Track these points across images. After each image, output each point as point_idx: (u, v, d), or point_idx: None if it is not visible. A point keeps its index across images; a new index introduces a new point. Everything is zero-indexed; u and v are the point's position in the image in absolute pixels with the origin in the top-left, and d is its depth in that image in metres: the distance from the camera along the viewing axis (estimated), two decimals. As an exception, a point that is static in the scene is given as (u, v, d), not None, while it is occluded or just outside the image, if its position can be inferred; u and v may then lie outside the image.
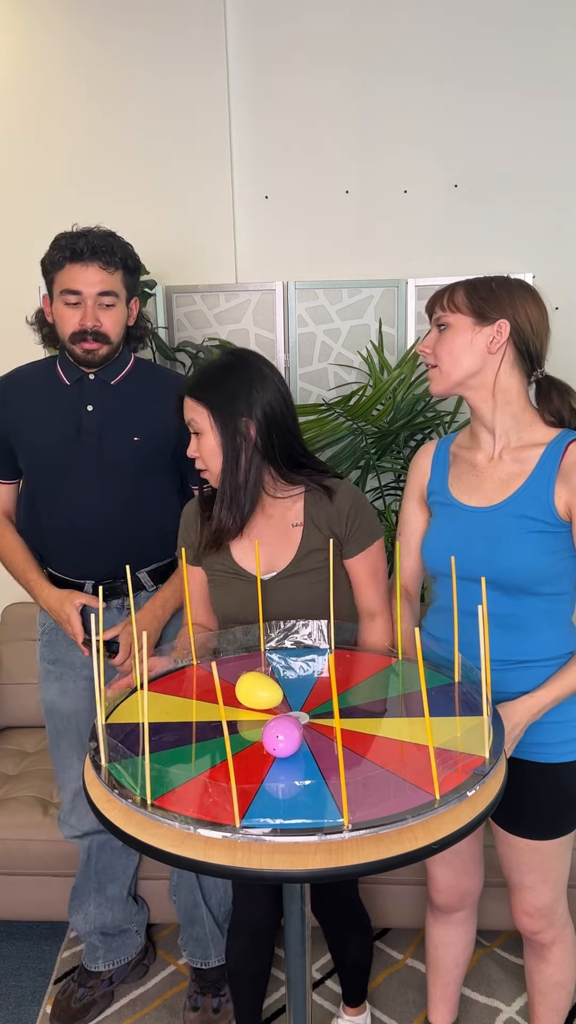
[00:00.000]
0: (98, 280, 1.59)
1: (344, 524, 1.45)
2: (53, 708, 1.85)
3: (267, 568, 1.47)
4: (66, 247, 1.59)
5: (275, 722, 1.03)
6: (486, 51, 2.48)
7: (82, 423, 1.68)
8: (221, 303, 2.62)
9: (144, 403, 1.72)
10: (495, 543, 1.33)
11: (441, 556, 1.40)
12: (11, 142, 2.59)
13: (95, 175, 2.59)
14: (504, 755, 1.07)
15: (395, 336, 2.59)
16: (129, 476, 1.70)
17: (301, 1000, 1.26)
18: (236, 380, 1.39)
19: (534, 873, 1.44)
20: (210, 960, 1.93)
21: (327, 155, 2.60)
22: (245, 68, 2.56)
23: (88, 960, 1.96)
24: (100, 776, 1.03)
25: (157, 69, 2.53)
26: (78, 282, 1.58)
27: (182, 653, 1.39)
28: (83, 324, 1.60)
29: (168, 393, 1.70)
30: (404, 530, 1.54)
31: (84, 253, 1.57)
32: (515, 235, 2.58)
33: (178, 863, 0.90)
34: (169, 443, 1.71)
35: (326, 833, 0.88)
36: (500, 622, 1.36)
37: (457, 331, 1.32)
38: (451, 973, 1.70)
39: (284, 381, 1.44)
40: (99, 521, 1.70)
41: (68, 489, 1.70)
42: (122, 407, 1.70)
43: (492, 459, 1.38)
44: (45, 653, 1.86)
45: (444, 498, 1.43)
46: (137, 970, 2.03)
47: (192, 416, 1.40)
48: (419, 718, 1.15)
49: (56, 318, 1.64)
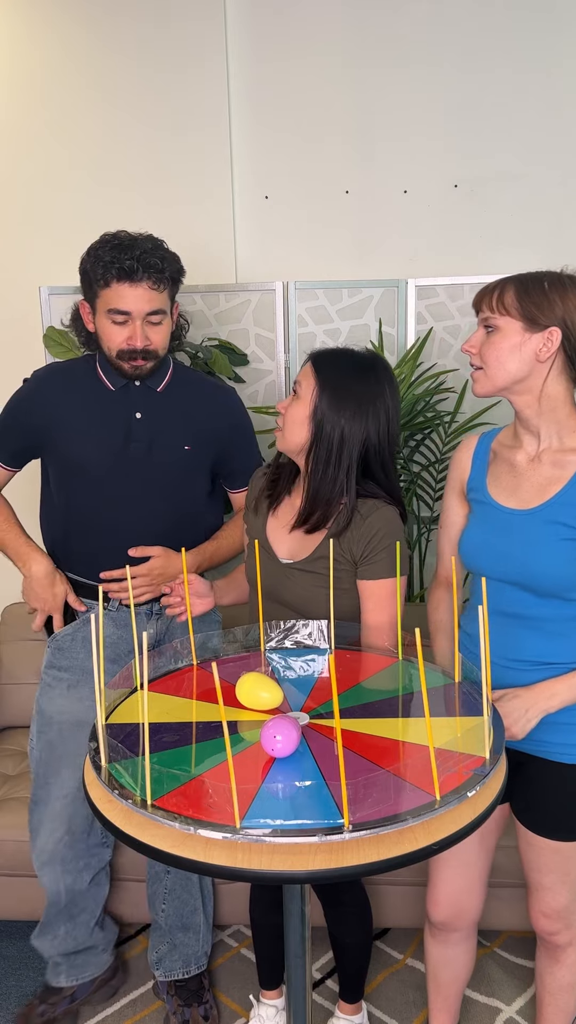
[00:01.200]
0: (147, 299, 1.54)
1: (363, 547, 1.43)
2: (60, 717, 1.75)
3: (289, 553, 1.51)
4: (113, 264, 1.51)
5: (273, 722, 1.03)
6: (487, 51, 2.48)
7: (131, 431, 1.64)
8: (221, 303, 2.62)
9: (192, 411, 1.69)
10: (528, 547, 1.32)
11: (475, 555, 1.40)
12: (11, 142, 2.59)
13: (95, 175, 2.59)
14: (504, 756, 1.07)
15: (395, 336, 2.59)
16: (173, 485, 1.68)
17: (301, 1000, 1.25)
18: (358, 386, 1.40)
19: (553, 874, 1.43)
20: (190, 969, 1.90)
21: (327, 155, 2.60)
22: (245, 68, 2.56)
23: (51, 975, 1.90)
24: (100, 776, 1.02)
25: (157, 69, 2.52)
26: (127, 303, 1.53)
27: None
28: (131, 344, 1.56)
29: (213, 401, 1.74)
30: (444, 521, 1.54)
31: (135, 273, 1.51)
32: (515, 235, 2.58)
33: (178, 864, 0.90)
34: (212, 452, 1.72)
35: (326, 834, 0.88)
36: (531, 624, 1.35)
37: (505, 335, 1.28)
38: (452, 986, 1.68)
39: (398, 408, 1.46)
40: (139, 530, 1.67)
41: (110, 497, 1.66)
42: (172, 415, 1.67)
43: (532, 461, 1.37)
44: (55, 660, 1.78)
45: (482, 496, 1.42)
46: (104, 990, 1.94)
47: (301, 380, 1.44)
48: (419, 718, 1.15)
49: (100, 332, 1.60)
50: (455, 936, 1.59)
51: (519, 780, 1.44)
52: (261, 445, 2.68)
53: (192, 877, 1.88)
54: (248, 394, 2.70)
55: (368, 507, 1.44)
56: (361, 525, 1.44)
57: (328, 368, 1.43)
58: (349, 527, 1.44)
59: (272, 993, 1.86)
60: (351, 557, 1.45)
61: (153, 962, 1.92)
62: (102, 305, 1.56)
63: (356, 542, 1.44)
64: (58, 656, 1.77)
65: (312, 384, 1.42)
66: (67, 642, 1.77)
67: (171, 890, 1.89)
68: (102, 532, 1.68)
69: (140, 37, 2.50)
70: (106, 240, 1.56)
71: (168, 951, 1.91)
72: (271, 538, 1.54)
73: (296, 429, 1.44)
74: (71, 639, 1.76)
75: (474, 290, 2.51)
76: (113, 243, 1.54)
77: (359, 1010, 1.85)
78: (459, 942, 1.61)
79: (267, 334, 2.63)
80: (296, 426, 1.43)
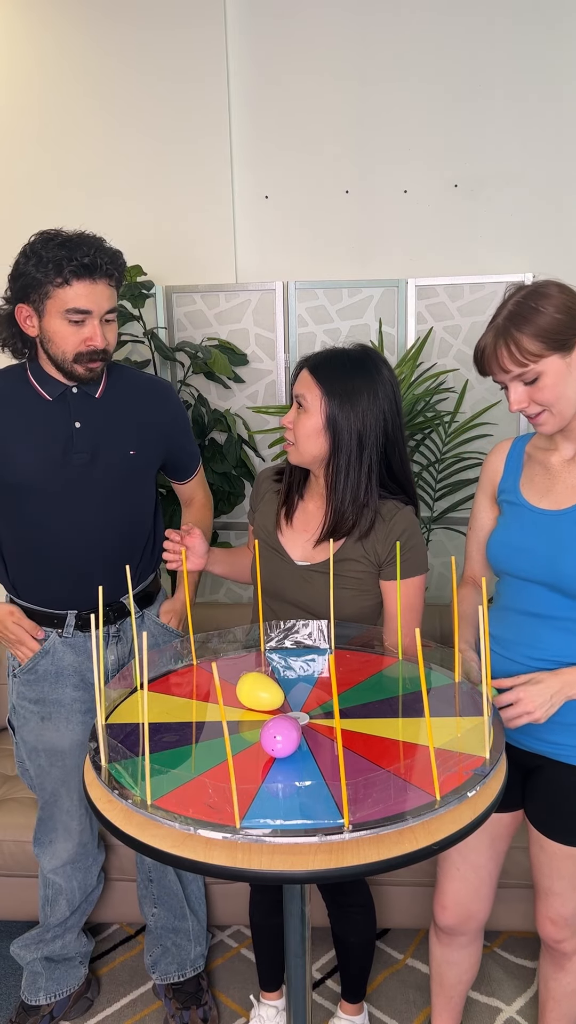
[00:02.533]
0: (107, 297, 1.48)
1: (388, 549, 1.46)
2: (42, 746, 1.72)
3: (304, 556, 1.51)
4: (69, 261, 1.42)
5: (273, 722, 1.03)
6: (486, 51, 2.48)
7: (72, 442, 1.56)
8: (221, 303, 2.62)
9: (132, 412, 1.63)
10: (559, 547, 1.32)
11: (505, 556, 1.40)
12: (12, 143, 2.59)
13: (95, 175, 2.59)
14: (504, 756, 1.07)
15: (395, 336, 2.59)
16: (121, 492, 1.62)
17: (301, 1000, 1.25)
18: (361, 380, 1.41)
19: (564, 880, 1.42)
20: (186, 971, 1.90)
21: (327, 155, 2.60)
22: (245, 68, 2.56)
23: (28, 993, 1.86)
24: (100, 776, 1.02)
25: (157, 69, 2.52)
26: (88, 301, 1.45)
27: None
28: (92, 344, 1.48)
29: (151, 397, 1.68)
30: (474, 524, 1.54)
31: (96, 270, 1.44)
32: (515, 235, 2.58)
33: (178, 864, 0.90)
34: (158, 450, 1.68)
35: (326, 834, 0.88)
36: (559, 625, 1.35)
37: (551, 373, 1.25)
38: (455, 988, 1.68)
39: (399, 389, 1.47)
40: (89, 544, 1.61)
41: (54, 512, 1.58)
42: (112, 420, 1.61)
43: (568, 462, 1.37)
44: (25, 692, 1.71)
45: (514, 498, 1.42)
46: (80, 1004, 1.92)
47: (304, 392, 1.42)
48: (419, 718, 1.15)
49: (51, 335, 1.49)
50: (461, 940, 1.59)
51: (535, 784, 1.43)
52: (261, 446, 2.70)
53: (173, 888, 1.88)
54: (248, 394, 2.70)
55: (388, 509, 1.46)
56: (383, 527, 1.46)
57: (328, 372, 1.41)
58: (372, 529, 1.45)
59: (272, 994, 1.86)
60: (376, 559, 1.47)
61: (149, 965, 1.92)
62: (55, 306, 1.45)
63: (380, 543, 1.46)
64: (28, 688, 1.71)
65: (317, 393, 1.41)
66: (32, 677, 1.70)
67: (159, 894, 1.89)
68: (50, 551, 1.61)
69: (140, 40, 2.51)
70: (48, 238, 1.46)
71: (162, 954, 1.90)
72: (285, 541, 1.54)
73: (311, 442, 1.43)
74: (33, 672, 1.69)
75: (474, 290, 2.52)
76: (58, 240, 1.45)
77: (361, 1010, 1.85)
78: (465, 945, 1.60)
79: (267, 334, 2.63)
80: (310, 439, 1.43)
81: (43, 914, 1.87)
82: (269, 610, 1.55)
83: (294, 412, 1.45)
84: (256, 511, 1.61)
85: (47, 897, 1.84)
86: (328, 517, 1.47)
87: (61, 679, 1.69)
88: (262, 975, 1.85)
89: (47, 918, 1.85)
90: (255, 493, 1.64)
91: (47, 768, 1.73)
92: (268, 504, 1.59)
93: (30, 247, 1.47)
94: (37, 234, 1.49)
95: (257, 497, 1.62)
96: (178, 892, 1.88)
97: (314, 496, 1.53)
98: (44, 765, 1.73)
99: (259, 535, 1.58)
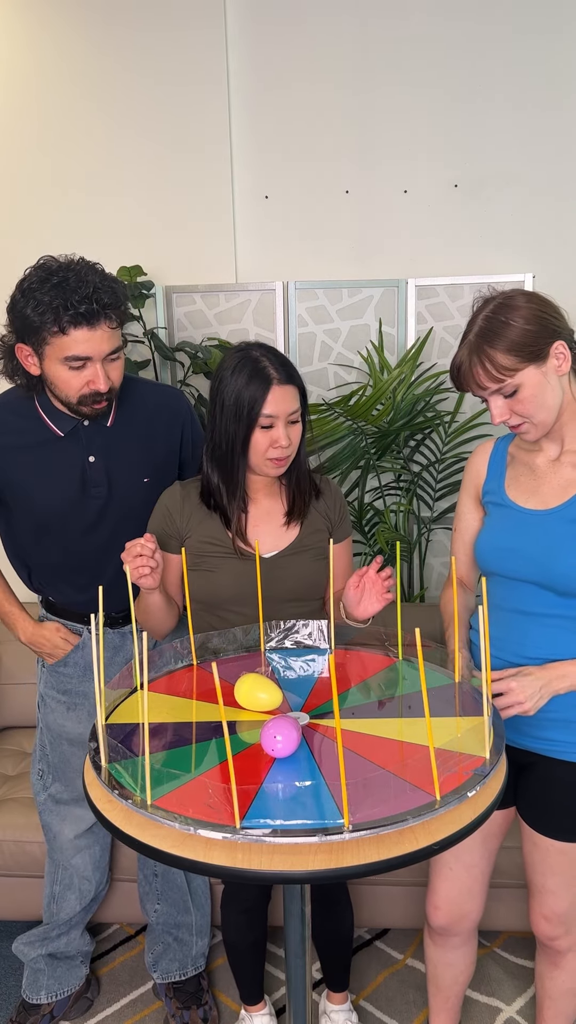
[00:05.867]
0: (107, 340, 1.42)
1: (338, 510, 1.59)
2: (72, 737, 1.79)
3: (272, 546, 1.52)
4: (66, 309, 1.35)
5: (273, 723, 1.03)
6: (486, 51, 2.48)
7: (88, 477, 1.57)
8: (221, 303, 2.62)
9: (144, 437, 1.63)
10: (548, 547, 1.33)
11: (494, 557, 1.40)
12: (12, 144, 2.59)
13: (95, 175, 2.59)
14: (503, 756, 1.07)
15: (395, 336, 2.59)
16: (139, 511, 1.61)
17: (301, 1000, 1.25)
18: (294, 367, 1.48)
19: (558, 876, 1.42)
20: (187, 970, 1.90)
21: (327, 155, 2.60)
22: (245, 68, 2.56)
23: (29, 991, 1.87)
24: (100, 776, 1.02)
25: (158, 69, 2.52)
26: (87, 348, 1.40)
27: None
28: (94, 387, 1.45)
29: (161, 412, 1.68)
30: (459, 525, 1.55)
31: (95, 316, 1.37)
32: (515, 235, 2.58)
33: (178, 864, 0.90)
34: (172, 469, 1.69)
35: (326, 834, 0.88)
36: (551, 623, 1.36)
37: (529, 384, 1.26)
38: (452, 988, 1.67)
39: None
40: (112, 564, 1.61)
41: (76, 538, 1.62)
42: (125, 451, 1.60)
43: (552, 463, 1.38)
44: (53, 682, 1.78)
45: (499, 499, 1.43)
46: (80, 1003, 1.92)
47: (296, 406, 1.43)
48: (419, 718, 1.15)
49: (53, 379, 1.45)
50: (455, 940, 1.58)
51: (527, 780, 1.43)
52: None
53: (178, 881, 1.88)
54: (248, 394, 2.69)
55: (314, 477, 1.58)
56: (328, 491, 1.59)
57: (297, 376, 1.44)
58: (321, 496, 1.57)
59: (257, 1007, 1.84)
60: (329, 522, 1.57)
61: (149, 964, 1.92)
62: (54, 352, 1.41)
63: (331, 508, 1.58)
64: (55, 678, 1.77)
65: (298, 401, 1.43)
66: (64, 669, 1.76)
67: (161, 893, 1.89)
68: (74, 569, 1.66)
69: (140, 41, 2.50)
70: (43, 278, 1.38)
71: (163, 952, 1.90)
72: (241, 544, 1.50)
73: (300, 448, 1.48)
74: (64, 664, 1.75)
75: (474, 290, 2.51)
76: (53, 281, 1.37)
77: (346, 999, 1.87)
78: (459, 946, 1.60)
79: (267, 334, 2.63)
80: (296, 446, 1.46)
81: (48, 912, 1.87)
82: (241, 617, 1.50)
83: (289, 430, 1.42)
84: (189, 535, 1.51)
85: (54, 894, 1.85)
86: (293, 492, 1.52)
87: (89, 672, 1.75)
88: (243, 992, 1.82)
89: (53, 915, 1.86)
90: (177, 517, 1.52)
91: (68, 754, 1.80)
92: (204, 520, 1.51)
93: (27, 284, 1.41)
94: (34, 267, 1.43)
95: (183, 519, 1.51)
96: (183, 886, 1.88)
97: (258, 488, 1.52)
98: (66, 751, 1.80)
99: (203, 551, 1.51)
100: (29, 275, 1.42)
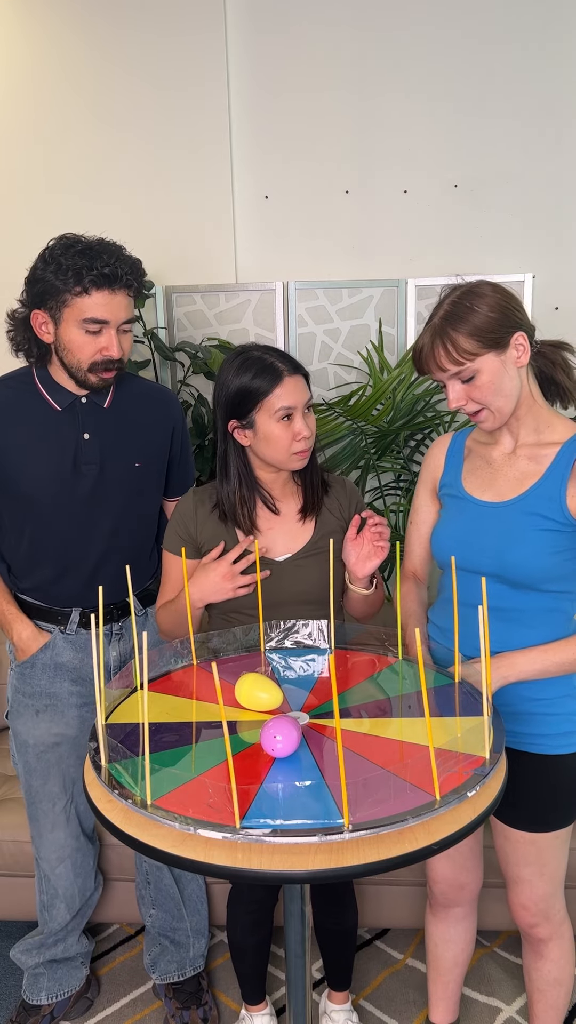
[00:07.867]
0: (125, 307, 1.46)
1: (355, 505, 1.58)
2: (32, 740, 1.72)
3: (286, 549, 1.52)
4: (89, 270, 1.40)
5: (273, 722, 1.03)
6: (486, 52, 2.48)
7: (81, 453, 1.57)
8: (221, 303, 2.62)
9: (140, 425, 1.64)
10: (504, 539, 1.34)
11: (450, 548, 1.41)
12: (13, 144, 2.59)
13: (95, 176, 2.59)
14: (503, 756, 1.07)
15: (395, 336, 2.59)
16: (125, 501, 1.63)
17: (301, 1000, 1.26)
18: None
19: (531, 867, 1.45)
20: (186, 971, 1.89)
21: (327, 155, 2.60)
22: (245, 69, 2.56)
23: (29, 993, 1.85)
24: (100, 776, 1.02)
25: (158, 70, 2.53)
26: (106, 311, 1.43)
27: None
28: (107, 353, 1.47)
29: (157, 407, 1.69)
30: (415, 518, 1.56)
31: (116, 280, 1.42)
32: (515, 235, 2.58)
33: (178, 864, 0.90)
34: (161, 463, 1.69)
35: (326, 834, 0.88)
36: (503, 616, 1.36)
37: (487, 371, 1.27)
38: (451, 972, 1.70)
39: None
40: (95, 549, 1.63)
41: (63, 519, 1.61)
42: (120, 432, 1.61)
43: (508, 455, 1.39)
44: (20, 686, 1.73)
45: (456, 491, 1.44)
46: (80, 1004, 1.91)
47: (309, 394, 1.45)
48: (419, 718, 1.15)
49: (67, 343, 1.48)
50: (457, 912, 1.63)
51: None
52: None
53: (170, 891, 1.87)
54: (248, 394, 2.69)
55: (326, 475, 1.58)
56: (339, 487, 1.58)
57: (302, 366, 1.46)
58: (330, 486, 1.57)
59: (258, 1007, 1.84)
60: (345, 523, 1.54)
61: (148, 965, 1.92)
62: (73, 315, 1.44)
63: (346, 508, 1.56)
64: (22, 682, 1.73)
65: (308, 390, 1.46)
66: (30, 670, 1.72)
67: (156, 897, 1.88)
68: (58, 553, 1.63)
69: (141, 41, 2.51)
70: (68, 244, 1.44)
71: (161, 954, 1.90)
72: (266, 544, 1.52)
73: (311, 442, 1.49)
74: (31, 666, 1.72)
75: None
76: (77, 248, 1.43)
77: (347, 998, 1.86)
78: (461, 919, 1.64)
79: (267, 334, 2.63)
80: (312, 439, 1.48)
81: (42, 919, 1.86)
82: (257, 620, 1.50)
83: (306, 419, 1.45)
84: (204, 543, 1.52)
85: (43, 903, 1.84)
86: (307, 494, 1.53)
87: (59, 674, 1.71)
88: (245, 991, 1.82)
89: (46, 923, 1.85)
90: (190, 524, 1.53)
91: (34, 764, 1.74)
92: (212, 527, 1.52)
93: (49, 252, 1.45)
94: (57, 238, 1.47)
95: (195, 526, 1.52)
96: (175, 895, 1.87)
97: (273, 488, 1.53)
98: (31, 761, 1.74)
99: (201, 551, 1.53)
100: (52, 246, 1.46)
